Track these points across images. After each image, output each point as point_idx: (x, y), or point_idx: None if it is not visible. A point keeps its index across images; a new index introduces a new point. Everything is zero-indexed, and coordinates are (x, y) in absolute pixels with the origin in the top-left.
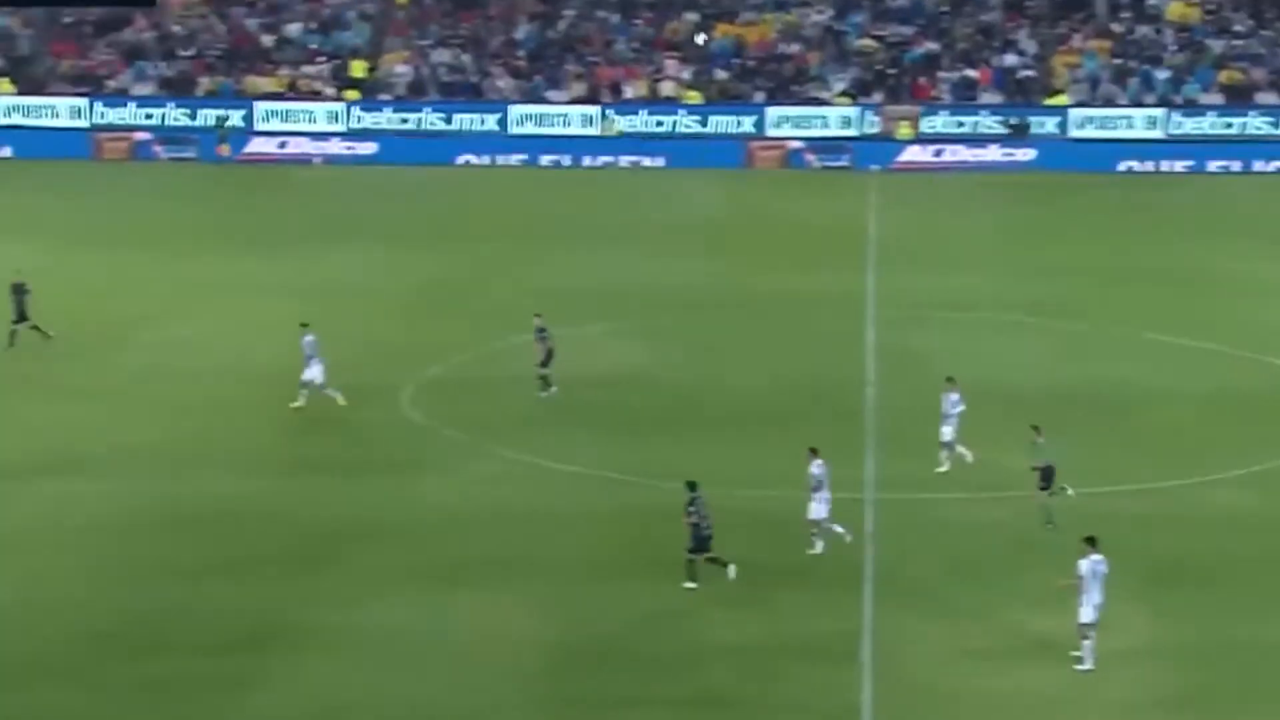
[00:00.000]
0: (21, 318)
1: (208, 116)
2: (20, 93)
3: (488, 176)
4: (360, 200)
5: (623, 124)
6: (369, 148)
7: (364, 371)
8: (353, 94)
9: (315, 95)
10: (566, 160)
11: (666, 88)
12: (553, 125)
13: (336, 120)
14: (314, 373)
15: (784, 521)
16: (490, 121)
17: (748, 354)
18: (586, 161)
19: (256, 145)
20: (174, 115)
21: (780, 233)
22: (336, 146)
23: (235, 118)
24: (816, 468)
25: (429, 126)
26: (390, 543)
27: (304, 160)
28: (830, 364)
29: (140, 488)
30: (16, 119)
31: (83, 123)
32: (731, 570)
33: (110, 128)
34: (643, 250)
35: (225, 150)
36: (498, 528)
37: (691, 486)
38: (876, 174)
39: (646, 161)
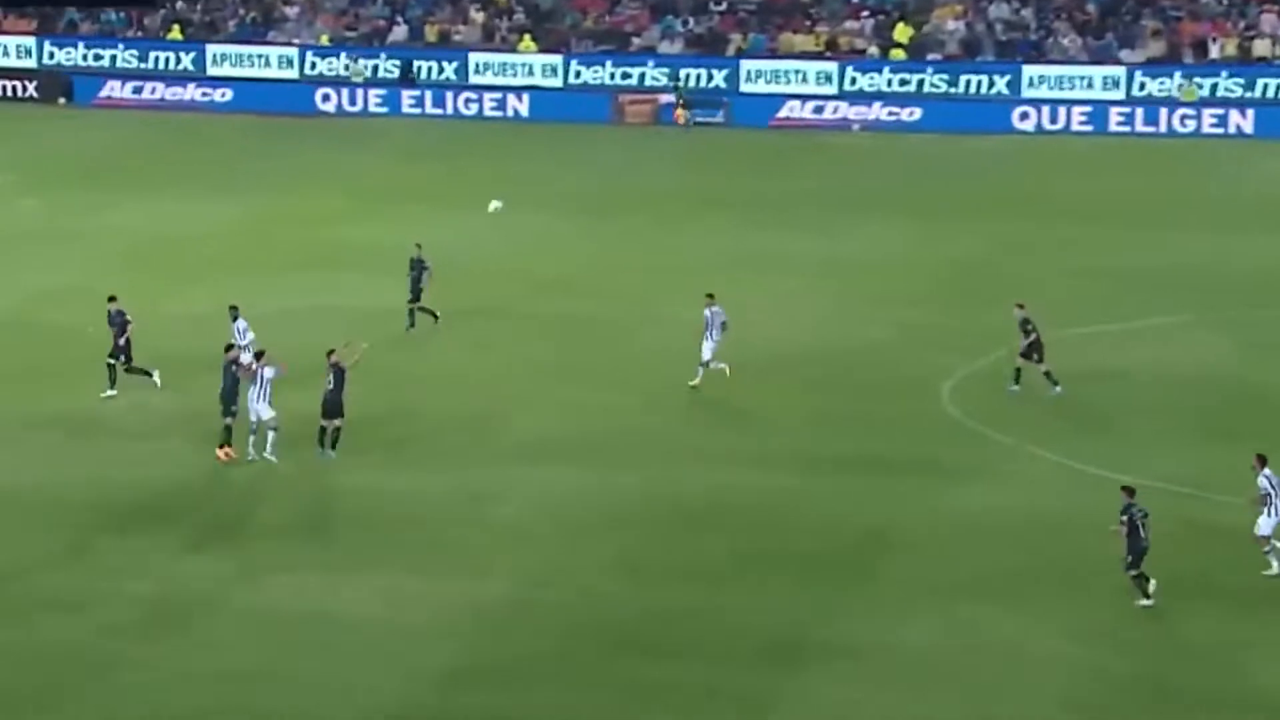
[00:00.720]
0: (416, 296)
1: (726, 79)
2: (542, 50)
3: (1033, 145)
4: (897, 170)
5: (1198, 88)
6: (913, 113)
7: (901, 360)
8: (898, 53)
9: (859, 54)
10: (1141, 128)
11: (1261, 46)
12: (1076, 88)
13: (828, 82)
14: (707, 347)
15: None
16: (1000, 84)
17: None
18: (1156, 130)
19: (788, 110)
20: (652, 76)
21: None
22: (878, 112)
23: (718, 78)
24: (1264, 479)
25: (942, 89)
26: (922, 551)
27: (842, 126)
28: None
29: (650, 478)
30: (537, 79)
31: (604, 83)
32: (1145, 601)
33: (633, 89)
34: (1222, 231)
35: (681, 117)
36: (1038, 539)
37: (1129, 493)
38: None
39: (1229, 129)
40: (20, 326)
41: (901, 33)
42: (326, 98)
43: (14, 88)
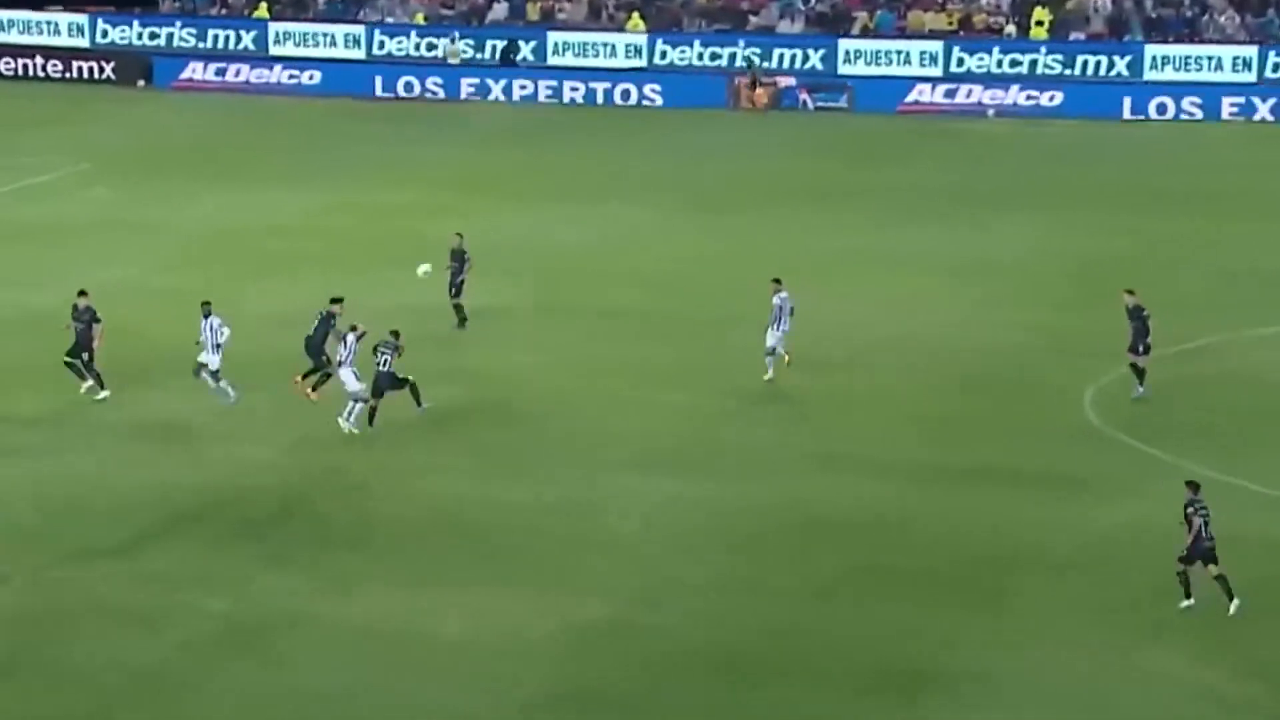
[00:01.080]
0: (457, 291)
1: (823, 59)
2: (651, 29)
3: (1185, 132)
4: (1034, 159)
5: None
6: (1054, 98)
7: (1038, 364)
8: (1039, 32)
9: (994, 33)
10: None
11: None
12: (1204, 69)
13: (932, 63)
14: (773, 337)
15: None
16: (1120, 65)
17: None
18: None
19: (917, 94)
20: (743, 57)
21: None
22: (1016, 96)
23: (792, 58)
24: None
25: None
26: (1059, 572)
27: (977, 112)
28: None
29: (760, 488)
30: (619, 60)
31: (721, 64)
32: (1234, 606)
33: (749, 72)
34: None
35: (762, 98)
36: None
37: (1194, 488)
38: None
39: None
40: None
41: (1041, 12)
42: (413, 84)
43: (90, 69)
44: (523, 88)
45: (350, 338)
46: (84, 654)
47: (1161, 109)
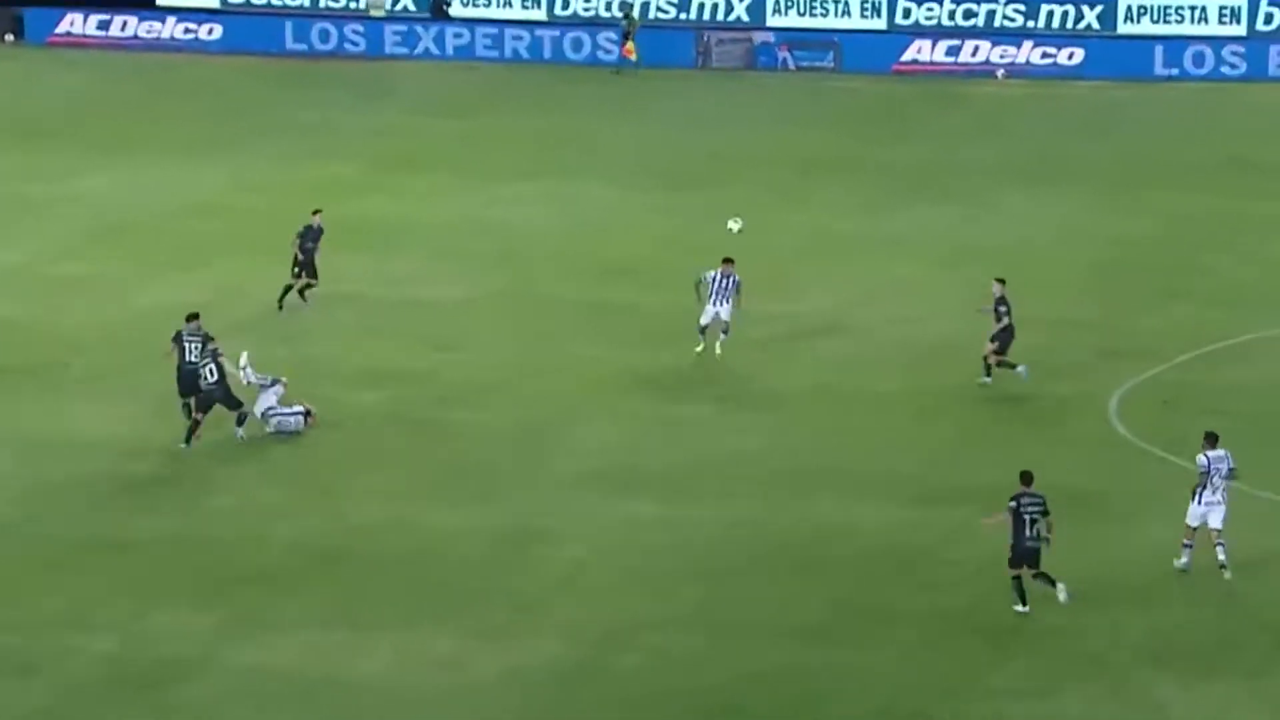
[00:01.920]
0: (305, 271)
1: (749, 10)
2: None
3: (1221, 93)
4: (1049, 127)
5: None
6: (1073, 55)
7: (1055, 366)
8: None
9: None
10: None
11: None
12: (1185, 21)
13: (875, 15)
14: (726, 310)
15: None
16: (1091, 16)
17: None
18: None
19: (915, 52)
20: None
21: None
22: (1029, 54)
23: (739, 10)
24: (1204, 458)
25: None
26: (1081, 604)
27: (986, 72)
28: None
29: (739, 511)
30: (515, 12)
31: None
32: (1062, 592)
33: (722, 26)
34: None
35: (631, 52)
36: (1230, 589)
37: (1026, 479)
38: None
39: None
40: None
41: None
42: (328, 36)
43: None
44: (474, 45)
45: (249, 374)
46: None
47: (1199, 60)
